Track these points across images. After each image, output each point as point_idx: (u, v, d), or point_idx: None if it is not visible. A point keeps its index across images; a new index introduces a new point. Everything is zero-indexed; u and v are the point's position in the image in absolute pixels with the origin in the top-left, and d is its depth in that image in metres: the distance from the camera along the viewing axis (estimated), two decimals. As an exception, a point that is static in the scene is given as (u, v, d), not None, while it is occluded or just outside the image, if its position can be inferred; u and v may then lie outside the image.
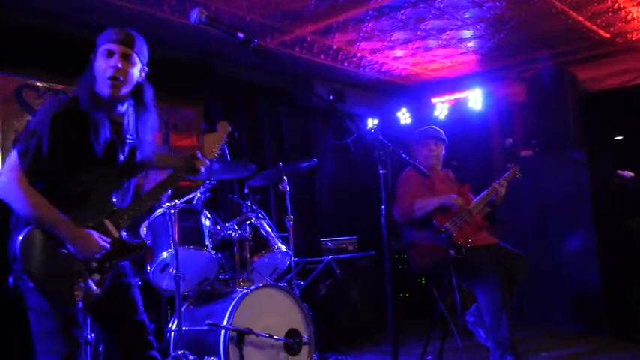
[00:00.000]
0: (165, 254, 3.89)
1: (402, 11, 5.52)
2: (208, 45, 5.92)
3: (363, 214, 7.60)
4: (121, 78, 2.69)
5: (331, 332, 5.68)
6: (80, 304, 2.51)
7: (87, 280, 2.55)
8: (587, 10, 5.57)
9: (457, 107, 7.73)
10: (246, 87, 6.84)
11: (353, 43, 6.35)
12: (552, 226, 6.57)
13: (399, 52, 6.70)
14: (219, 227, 4.21)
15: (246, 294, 3.80)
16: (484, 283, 4.45)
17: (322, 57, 6.63)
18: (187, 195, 4.26)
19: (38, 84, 5.38)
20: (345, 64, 6.94)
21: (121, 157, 2.79)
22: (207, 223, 4.15)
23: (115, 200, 2.74)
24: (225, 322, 3.64)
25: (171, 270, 3.86)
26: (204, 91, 6.45)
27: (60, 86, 5.49)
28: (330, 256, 5.80)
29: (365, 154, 7.42)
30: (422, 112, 8.02)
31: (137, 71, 2.80)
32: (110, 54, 2.69)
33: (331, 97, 7.13)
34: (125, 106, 2.83)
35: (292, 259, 4.54)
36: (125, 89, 2.74)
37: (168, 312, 4.23)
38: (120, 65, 2.68)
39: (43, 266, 2.50)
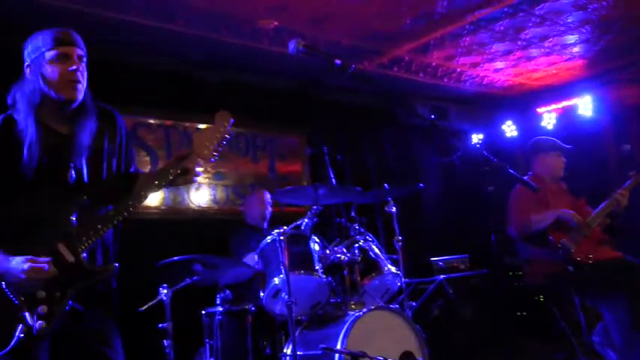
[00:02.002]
0: (276, 280, 3.95)
1: (500, 22, 5.41)
2: (308, 72, 6.04)
3: (473, 232, 7.42)
4: (81, 80, 2.48)
5: (446, 353, 5.53)
6: (14, 341, 2.19)
7: (24, 313, 2.23)
8: None
9: (565, 115, 7.46)
10: (348, 110, 6.91)
11: (452, 59, 6.28)
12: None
13: (499, 64, 6.56)
14: (328, 251, 4.23)
15: (358, 317, 3.78)
16: (609, 301, 4.20)
17: (421, 75, 6.59)
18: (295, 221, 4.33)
19: (150, 121, 5.69)
20: (445, 80, 6.86)
21: (71, 174, 2.47)
22: (317, 247, 4.18)
23: (74, 221, 2.39)
24: (338, 346, 3.63)
25: (283, 295, 3.91)
26: (306, 117, 6.57)
27: (168, 122, 5.77)
28: (442, 276, 5.68)
29: (471, 170, 7.27)
30: (528, 124, 7.79)
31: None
32: (66, 57, 2.45)
33: (432, 116, 7.05)
34: (78, 113, 2.54)
35: (403, 280, 4.48)
36: (83, 92, 2.52)
37: (283, 337, 4.28)
38: (81, 68, 2.48)
39: None
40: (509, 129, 7.94)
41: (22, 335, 2.19)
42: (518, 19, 5.39)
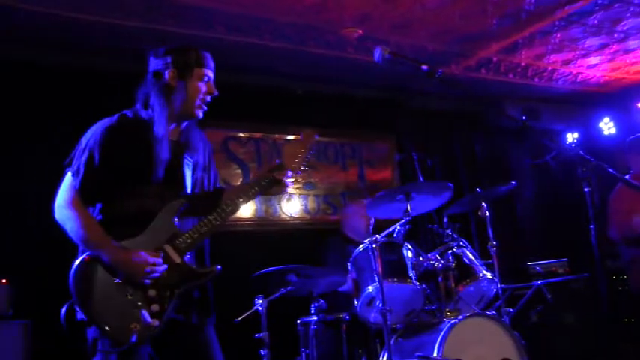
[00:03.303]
0: (370, 288, 3.96)
1: (594, 15, 5.22)
2: (393, 79, 6.02)
3: (572, 235, 7.14)
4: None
5: (548, 361, 5.37)
6: (134, 337, 2.21)
7: (141, 310, 2.26)
8: None
9: (670, 110, 7.09)
10: (436, 115, 6.84)
11: (542, 57, 6.11)
12: None
13: (594, 59, 6.31)
14: (421, 258, 4.20)
15: (454, 324, 3.73)
16: None
17: (510, 75, 6.45)
18: (387, 229, 4.32)
19: (241, 135, 5.85)
20: (536, 79, 6.68)
21: (179, 178, 2.57)
22: (410, 254, 4.16)
23: (176, 222, 2.46)
24: (435, 354, 3.59)
25: (377, 303, 3.91)
26: (393, 124, 6.55)
27: (258, 135, 5.91)
28: (540, 281, 5.51)
29: (567, 171, 7.03)
30: (627, 120, 7.45)
31: None
32: (209, 80, 2.64)
33: (523, 117, 6.88)
34: (187, 127, 2.70)
35: (499, 285, 4.38)
36: None
37: (378, 345, 4.27)
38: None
39: (94, 296, 2.27)
40: (607, 127, 7.61)
41: (139, 331, 2.23)
42: (614, 11, 5.17)
